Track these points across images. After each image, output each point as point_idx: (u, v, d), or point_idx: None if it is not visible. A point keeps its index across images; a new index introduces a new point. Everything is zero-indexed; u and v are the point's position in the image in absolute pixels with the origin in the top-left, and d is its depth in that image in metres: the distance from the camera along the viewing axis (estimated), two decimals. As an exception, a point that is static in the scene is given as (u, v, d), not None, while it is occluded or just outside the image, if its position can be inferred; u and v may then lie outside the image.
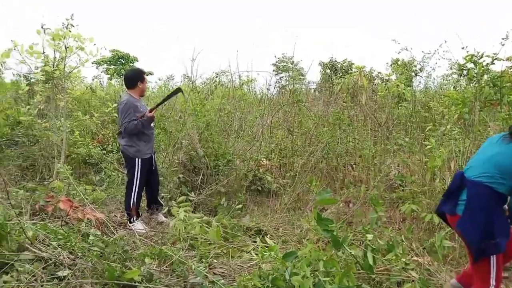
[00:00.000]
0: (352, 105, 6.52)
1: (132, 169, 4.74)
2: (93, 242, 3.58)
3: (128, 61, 28.02)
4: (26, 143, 7.07)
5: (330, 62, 12.52)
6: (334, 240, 2.67)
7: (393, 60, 9.67)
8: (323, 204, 4.90)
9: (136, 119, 4.61)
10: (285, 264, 2.71)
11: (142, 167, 4.74)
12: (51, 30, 6.09)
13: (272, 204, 5.58)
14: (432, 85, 8.59)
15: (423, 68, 7.51)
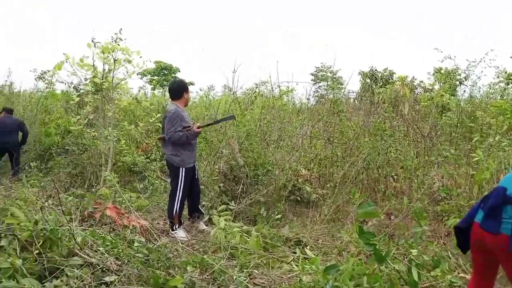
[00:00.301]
0: (394, 116, 6.40)
1: (176, 178, 4.87)
2: (138, 248, 3.71)
3: (170, 71, 28.82)
4: (76, 151, 7.44)
5: (370, 71, 12.35)
6: (377, 254, 2.63)
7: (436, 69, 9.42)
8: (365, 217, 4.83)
9: (182, 131, 4.76)
10: (327, 277, 2.70)
11: (185, 176, 4.86)
12: (100, 43, 6.40)
13: (312, 215, 5.56)
14: (478, 94, 8.28)
15: (468, 76, 7.26)
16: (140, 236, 4.21)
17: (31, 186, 5.55)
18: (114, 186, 5.26)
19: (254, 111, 6.97)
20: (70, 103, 8.43)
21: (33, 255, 3.08)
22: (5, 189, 5.50)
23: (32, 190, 5.19)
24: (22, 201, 4.27)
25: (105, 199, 5.29)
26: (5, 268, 2.86)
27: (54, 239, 3.28)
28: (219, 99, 10.23)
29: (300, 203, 5.98)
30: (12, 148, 7.97)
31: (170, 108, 5.00)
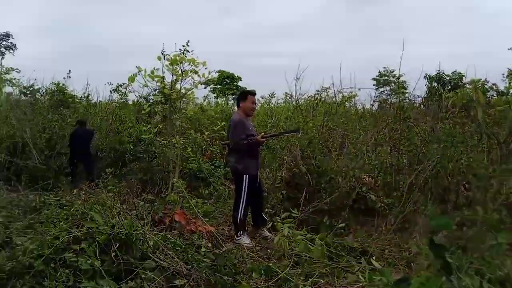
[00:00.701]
0: (466, 121, 6.07)
1: (240, 185, 5.00)
2: (205, 254, 3.85)
3: (232, 80, 29.50)
4: (146, 159, 7.86)
5: (437, 74, 11.79)
6: (447, 268, 2.52)
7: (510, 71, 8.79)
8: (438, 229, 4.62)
9: (246, 139, 4.88)
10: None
11: (249, 184, 4.98)
12: (170, 56, 6.74)
13: (377, 224, 5.42)
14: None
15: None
16: (206, 242, 4.37)
17: (107, 191, 5.95)
18: (182, 192, 5.49)
19: (316, 118, 6.95)
20: (141, 113, 8.95)
21: (111, 257, 3.31)
22: (84, 194, 5.95)
23: (108, 195, 5.56)
24: (99, 205, 4.59)
25: (174, 205, 5.54)
26: (86, 269, 3.11)
27: (129, 243, 3.50)
28: (281, 107, 10.32)
29: (364, 211, 5.85)
30: (84, 156, 8.60)
31: (234, 117, 5.21)
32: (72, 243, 3.38)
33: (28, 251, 3.18)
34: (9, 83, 9.74)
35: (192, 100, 7.85)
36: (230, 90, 27.13)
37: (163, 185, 7.27)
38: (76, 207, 4.25)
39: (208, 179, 7.42)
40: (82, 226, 3.73)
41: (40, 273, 3.05)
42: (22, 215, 4.75)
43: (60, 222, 3.99)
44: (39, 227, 4.04)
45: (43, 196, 5.48)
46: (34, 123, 8.67)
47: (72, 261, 3.14)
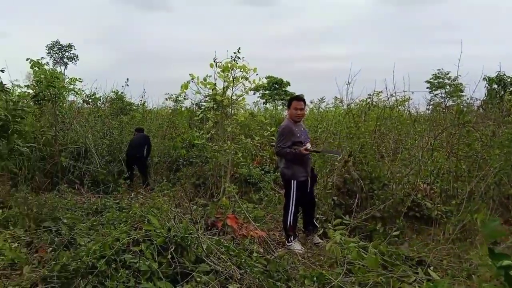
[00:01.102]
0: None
1: (288, 191, 5.01)
2: (257, 259, 3.89)
3: (281, 86, 29.59)
4: (199, 163, 8.07)
5: (498, 76, 11.13)
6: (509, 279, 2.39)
7: None
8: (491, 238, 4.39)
9: (290, 147, 4.92)
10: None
11: (297, 189, 4.97)
12: (221, 63, 6.90)
13: (434, 233, 5.21)
14: None
15: None
16: (258, 247, 4.41)
17: (163, 195, 6.17)
18: (234, 197, 5.58)
19: (368, 122, 6.81)
20: (194, 119, 9.21)
21: (167, 259, 3.42)
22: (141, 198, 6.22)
23: (163, 199, 5.78)
24: (156, 209, 4.78)
25: (226, 209, 5.65)
26: (144, 271, 3.24)
27: (184, 246, 3.60)
28: (330, 111, 10.21)
29: (420, 219, 5.65)
30: (139, 161, 8.96)
31: (282, 123, 5.24)
32: (132, 245, 3.52)
33: (91, 252, 3.36)
34: (73, 92, 10.36)
35: (243, 106, 7.95)
36: (279, 96, 27.21)
37: (215, 190, 7.42)
38: (134, 210, 4.45)
39: (258, 184, 7.48)
40: (140, 228, 3.88)
41: (102, 273, 3.21)
42: (85, 217, 5.06)
43: (120, 224, 4.20)
44: (101, 229, 4.28)
45: (104, 199, 5.77)
46: (95, 130, 9.18)
47: (132, 262, 3.28)
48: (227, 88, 7.28)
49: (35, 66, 8.17)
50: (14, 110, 5.05)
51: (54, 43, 60.77)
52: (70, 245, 3.98)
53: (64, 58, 62.11)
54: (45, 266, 3.48)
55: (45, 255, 3.75)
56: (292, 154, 4.92)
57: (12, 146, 4.87)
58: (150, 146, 9.17)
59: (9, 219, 4.82)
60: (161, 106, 13.07)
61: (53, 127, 7.93)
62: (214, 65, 7.06)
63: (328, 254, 4.26)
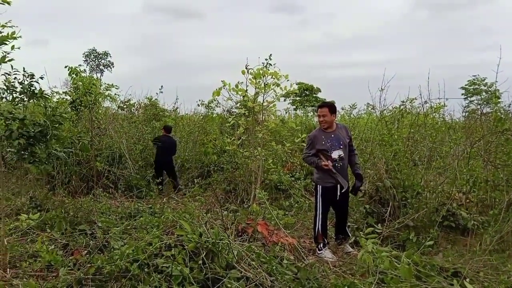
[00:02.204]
0: None
1: (315, 195, 5.04)
2: (287, 266, 3.88)
3: (312, 92, 29.47)
4: (230, 169, 8.14)
5: (538, 80, 10.65)
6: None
7: None
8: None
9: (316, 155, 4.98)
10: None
11: (322, 195, 4.96)
12: (253, 70, 6.95)
13: (470, 244, 5.05)
14: None
15: None
16: (289, 254, 4.40)
17: (194, 201, 6.26)
18: (264, 203, 5.59)
19: (402, 130, 6.68)
20: (225, 125, 9.30)
21: (198, 265, 3.46)
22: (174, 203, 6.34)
23: (195, 204, 5.86)
24: (188, 214, 4.85)
25: (256, 215, 5.66)
26: (176, 276, 3.29)
27: (215, 251, 3.63)
28: (362, 118, 10.08)
29: (455, 229, 5.49)
30: (169, 165, 9.09)
31: (312, 131, 5.29)
32: (164, 250, 3.59)
33: (125, 256, 3.44)
34: (109, 98, 10.67)
35: (274, 113, 7.97)
36: (309, 102, 27.10)
37: (246, 196, 7.46)
38: (166, 215, 4.54)
39: (289, 190, 7.47)
40: (172, 233, 3.94)
41: (135, 277, 3.27)
42: (119, 220, 5.19)
43: (152, 229, 4.29)
44: (134, 233, 4.38)
45: (137, 203, 5.91)
46: (129, 135, 9.42)
47: (164, 267, 3.34)
48: (258, 95, 7.32)
49: (73, 73, 8.47)
50: (53, 116, 5.25)
51: (90, 50, 63.01)
52: (105, 248, 4.08)
53: (100, 65, 64.22)
54: (80, 268, 3.59)
55: (80, 258, 3.87)
56: (315, 163, 4.98)
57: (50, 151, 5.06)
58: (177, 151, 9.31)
59: (46, 222, 4.99)
60: (192, 112, 13.29)
61: (89, 132, 8.20)
62: (246, 71, 7.12)
63: (359, 263, 4.20)
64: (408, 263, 3.94)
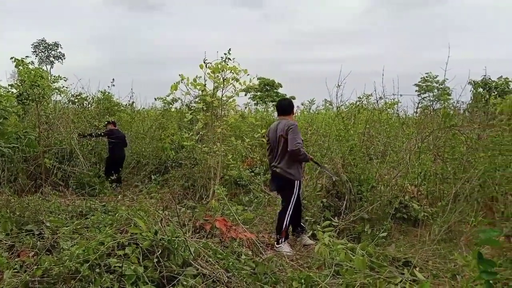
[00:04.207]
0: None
1: (291, 191, 5.01)
2: (245, 261, 3.87)
3: (272, 87, 29.61)
4: (188, 165, 8.02)
5: (483, 80, 11.31)
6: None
7: None
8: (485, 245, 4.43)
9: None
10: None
11: (299, 190, 5.01)
12: (211, 64, 6.86)
13: (420, 234, 5.27)
14: None
15: None
16: (247, 249, 4.39)
17: (150, 197, 6.12)
18: (223, 199, 5.55)
19: (358, 125, 6.84)
20: (183, 120, 9.14)
21: (153, 263, 3.38)
22: (129, 200, 6.16)
23: (151, 202, 5.73)
24: (143, 211, 4.72)
25: (215, 212, 5.61)
26: (129, 275, 3.19)
27: (171, 249, 3.56)
28: (321, 113, 10.25)
29: (407, 221, 5.71)
30: (123, 161, 8.84)
31: (291, 121, 5.11)
32: (117, 249, 3.47)
33: (74, 256, 3.29)
34: (58, 91, 10.18)
35: (233, 108, 7.92)
36: (270, 97, 27.23)
37: (204, 192, 7.39)
38: (120, 213, 4.39)
39: (248, 186, 7.46)
40: (126, 232, 3.82)
41: (85, 278, 3.14)
42: (69, 220, 4.97)
43: (105, 227, 4.14)
44: (85, 232, 4.21)
45: (89, 201, 5.69)
46: (81, 131, 9.03)
47: (116, 266, 3.23)
48: (217, 89, 7.24)
49: (19, 65, 8.03)
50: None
51: (40, 41, 59.95)
52: (53, 249, 3.90)
53: (50, 56, 61.36)
54: (26, 270, 3.41)
55: (27, 260, 3.66)
56: (305, 155, 4.99)
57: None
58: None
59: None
60: (150, 107, 12.97)
61: (37, 127, 7.80)
62: (204, 66, 7.02)
63: (316, 256, 4.26)
64: (363, 255, 4.04)
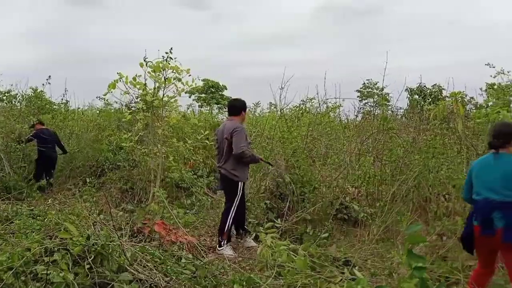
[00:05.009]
0: (447, 133, 6.13)
1: (234, 193, 4.92)
2: (185, 265, 3.74)
3: (217, 89, 29.41)
4: (127, 167, 7.68)
5: (419, 87, 12.04)
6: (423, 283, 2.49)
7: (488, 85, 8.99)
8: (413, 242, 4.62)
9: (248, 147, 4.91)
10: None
11: (243, 191, 4.94)
12: (152, 63, 6.63)
13: (360, 234, 5.41)
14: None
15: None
16: (187, 253, 4.26)
17: (84, 201, 5.77)
18: (163, 202, 5.36)
19: (301, 128, 6.93)
20: (122, 120, 8.76)
21: (85, 269, 3.17)
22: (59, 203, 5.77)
23: (84, 205, 5.40)
24: (75, 215, 4.44)
25: (154, 215, 5.40)
26: (58, 283, 2.96)
27: (105, 254, 3.35)
28: (265, 116, 10.29)
29: (348, 221, 5.84)
30: (55, 162, 8.31)
31: (235, 124, 4.98)
32: (44, 255, 3.23)
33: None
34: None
35: (175, 108, 7.71)
36: (215, 99, 27.05)
37: (144, 195, 7.11)
38: (49, 218, 4.11)
39: (191, 188, 7.28)
40: (56, 237, 3.60)
41: (9, 286, 2.90)
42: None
43: (33, 232, 3.83)
44: (10, 238, 3.87)
45: (15, 205, 5.27)
46: (7, 131, 8.33)
47: (44, 274, 2.99)
48: (159, 89, 7.01)
49: None
50: None
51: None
52: (-26, 256, 3.54)
53: (-22, 53, 56.87)
54: None
55: None
56: (252, 156, 4.94)
57: None
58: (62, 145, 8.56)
59: None
60: (87, 107, 12.33)
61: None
62: (144, 64, 6.76)
63: (259, 258, 4.22)
64: (304, 255, 4.05)
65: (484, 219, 3.11)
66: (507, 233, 3.02)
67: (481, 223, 3.13)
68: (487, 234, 3.09)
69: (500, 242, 3.06)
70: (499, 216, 3.04)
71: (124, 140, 7.33)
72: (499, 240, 3.05)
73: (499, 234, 3.04)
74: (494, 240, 3.09)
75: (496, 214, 3.05)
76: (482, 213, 3.14)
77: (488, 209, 3.09)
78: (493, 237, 3.08)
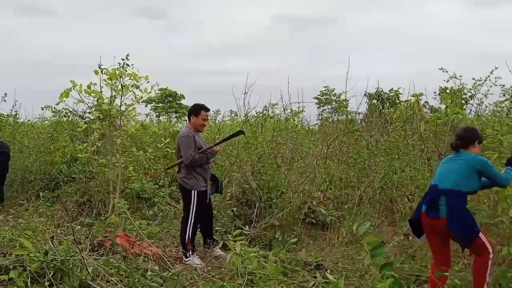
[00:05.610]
0: (409, 134, 6.29)
1: (188, 202, 4.75)
2: (151, 277, 3.55)
3: (175, 98, 28.99)
4: (83, 179, 7.29)
5: (377, 92, 12.41)
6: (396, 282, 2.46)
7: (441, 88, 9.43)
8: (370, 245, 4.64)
9: (203, 151, 4.72)
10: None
11: (198, 200, 4.73)
12: (108, 70, 6.35)
13: (328, 238, 5.39)
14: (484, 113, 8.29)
15: (474, 95, 7.23)
16: (153, 264, 4.05)
17: (39, 215, 5.40)
18: (125, 213, 5.10)
19: (266, 133, 6.88)
20: (76, 130, 8.34)
21: (44, 287, 2.96)
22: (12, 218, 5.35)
23: (40, 220, 5.05)
24: (30, 231, 4.13)
25: (115, 227, 5.13)
26: (15, 303, 2.73)
27: (65, 270, 3.15)
28: (226, 124, 10.18)
29: (316, 225, 5.81)
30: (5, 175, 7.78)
31: (182, 131, 4.97)
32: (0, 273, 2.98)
33: None
34: None
35: (133, 117, 7.42)
36: (172, 109, 26.64)
37: (103, 207, 6.76)
38: (3, 234, 3.79)
39: (152, 199, 7.01)
40: (11, 254, 3.36)
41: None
42: None
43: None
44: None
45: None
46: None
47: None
48: (115, 97, 6.72)
49: None
50: None
51: None
52: None
53: None
54: None
55: None
56: (205, 157, 4.76)
57: None
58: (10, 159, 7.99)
59: None
60: (38, 118, 11.65)
61: None
62: (99, 71, 6.46)
63: (229, 266, 4.07)
64: (275, 261, 3.95)
65: (430, 200, 3.36)
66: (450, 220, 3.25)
67: (427, 204, 3.39)
68: (432, 216, 3.33)
69: (445, 228, 3.29)
70: (443, 203, 3.29)
71: (79, 151, 6.97)
72: (443, 225, 3.28)
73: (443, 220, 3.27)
74: (439, 225, 3.32)
75: (441, 200, 3.30)
76: (430, 195, 3.40)
77: (436, 193, 3.35)
78: (437, 221, 3.31)
